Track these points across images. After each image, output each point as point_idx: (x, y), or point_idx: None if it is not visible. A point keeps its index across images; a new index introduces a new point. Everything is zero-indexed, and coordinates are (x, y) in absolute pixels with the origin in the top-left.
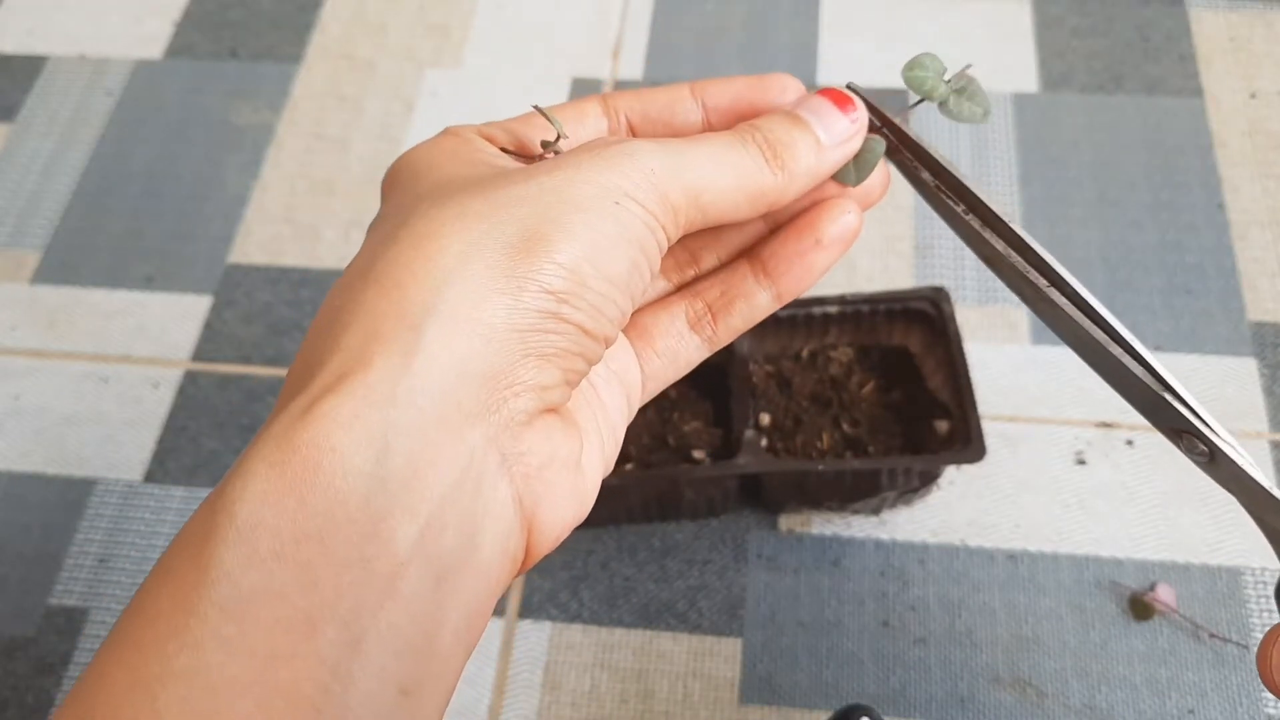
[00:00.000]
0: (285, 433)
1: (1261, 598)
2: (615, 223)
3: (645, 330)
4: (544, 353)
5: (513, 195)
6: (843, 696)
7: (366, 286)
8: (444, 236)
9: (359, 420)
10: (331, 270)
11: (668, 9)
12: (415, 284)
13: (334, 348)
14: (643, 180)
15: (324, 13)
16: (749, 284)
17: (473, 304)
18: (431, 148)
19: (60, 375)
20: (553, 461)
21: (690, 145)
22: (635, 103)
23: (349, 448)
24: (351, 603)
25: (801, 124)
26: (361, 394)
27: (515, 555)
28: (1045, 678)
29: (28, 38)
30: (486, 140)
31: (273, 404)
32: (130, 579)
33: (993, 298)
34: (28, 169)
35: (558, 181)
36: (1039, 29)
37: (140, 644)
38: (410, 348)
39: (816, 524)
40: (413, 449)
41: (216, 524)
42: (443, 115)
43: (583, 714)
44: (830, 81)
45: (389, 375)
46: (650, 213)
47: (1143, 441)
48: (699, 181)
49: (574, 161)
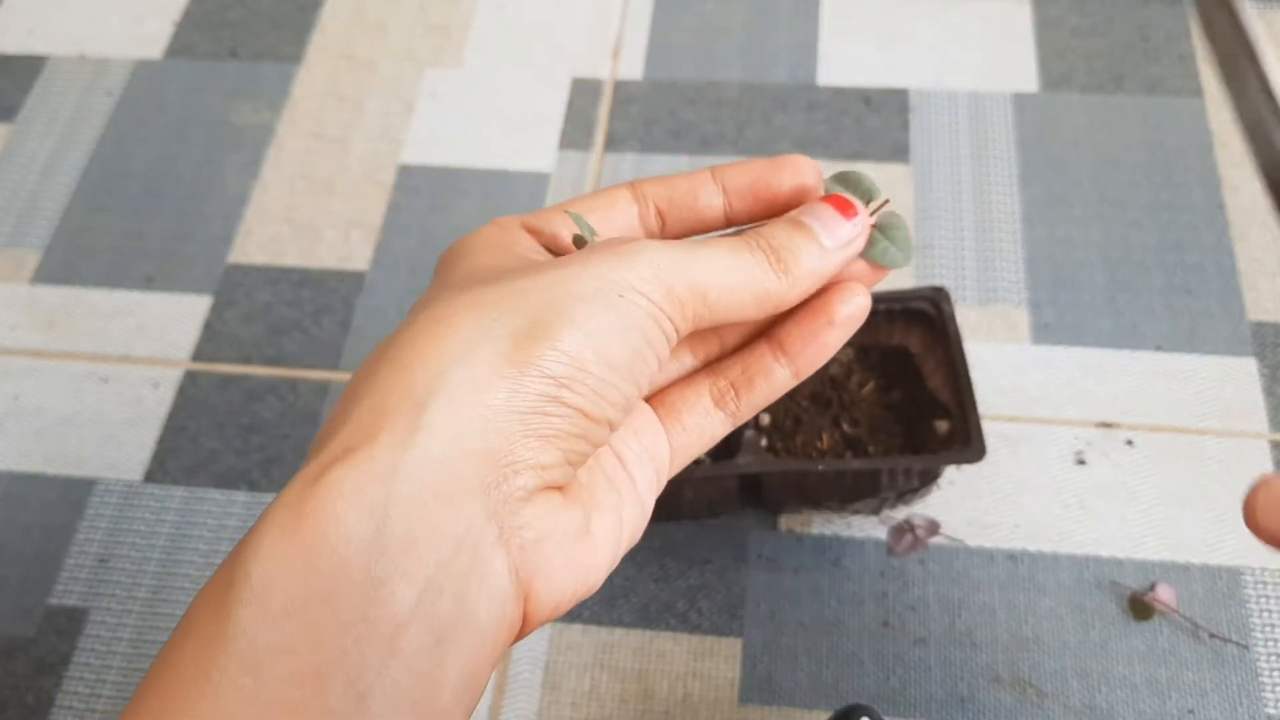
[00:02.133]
0: (296, 500)
1: (1262, 598)
2: (619, 313)
3: (673, 407)
4: (544, 434)
5: (524, 286)
6: (843, 696)
7: (381, 365)
8: (455, 322)
9: (361, 492)
10: (331, 270)
11: (668, 9)
12: (423, 365)
13: (346, 420)
14: (649, 274)
15: (324, 13)
16: (768, 362)
17: (476, 386)
18: (476, 236)
19: (60, 375)
20: (551, 536)
21: (698, 247)
22: (661, 189)
23: (352, 517)
24: (357, 659)
25: (804, 229)
26: (365, 467)
27: (512, 622)
28: (1045, 677)
29: (28, 38)
30: (529, 232)
31: (272, 404)
32: (130, 579)
33: (993, 298)
34: (28, 169)
35: (566, 275)
36: (1039, 29)
37: (166, 692)
38: (414, 425)
39: (816, 524)
40: (412, 519)
41: (234, 581)
42: (443, 115)
43: (583, 714)
44: (830, 81)
45: (392, 450)
46: (655, 304)
47: (1143, 441)
48: (705, 280)
49: (584, 258)
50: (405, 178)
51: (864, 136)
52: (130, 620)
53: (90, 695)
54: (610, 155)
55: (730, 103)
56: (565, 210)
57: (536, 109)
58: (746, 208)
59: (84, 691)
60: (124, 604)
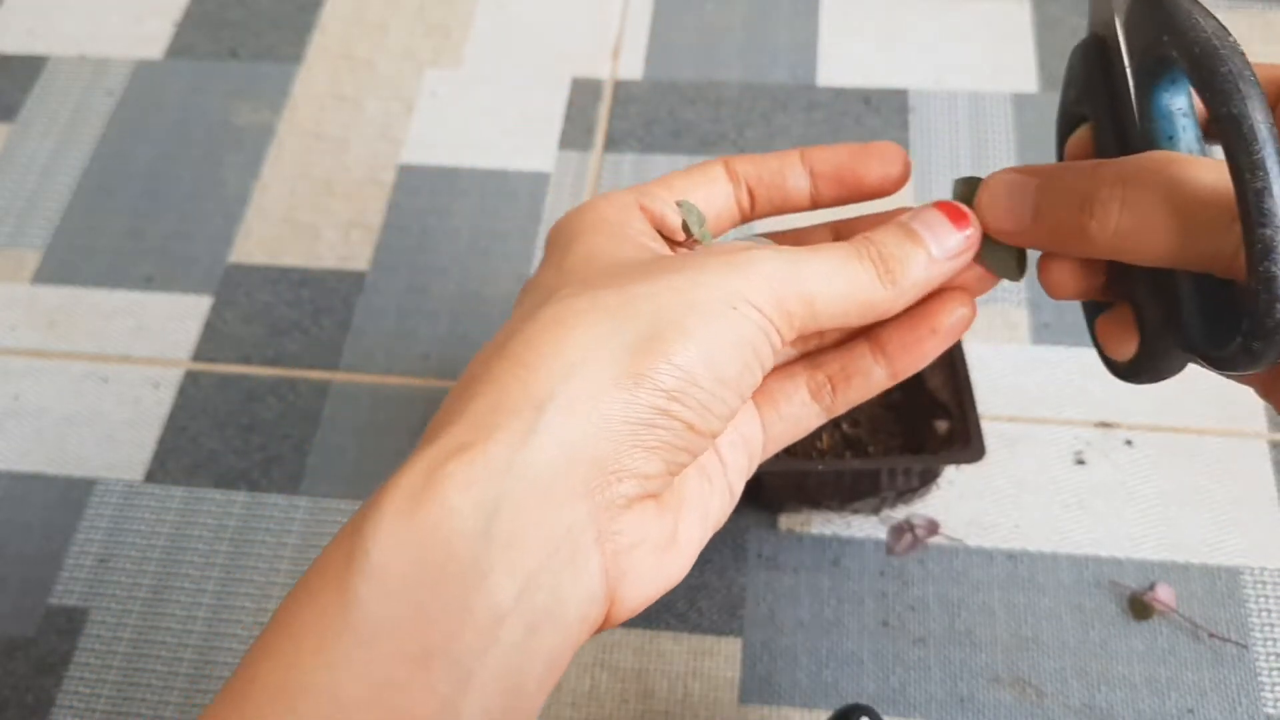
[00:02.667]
0: (414, 489)
1: (1261, 597)
2: (731, 327)
3: (771, 395)
4: (650, 445)
5: (640, 293)
6: (843, 696)
7: (500, 360)
8: (574, 326)
9: (475, 486)
10: (331, 270)
11: (668, 9)
12: (543, 367)
13: (464, 411)
14: (762, 285)
15: (324, 13)
16: (867, 362)
17: (591, 395)
18: (590, 214)
19: (60, 375)
20: (643, 543)
21: (809, 255)
22: (751, 168)
23: (465, 509)
24: (460, 644)
25: (915, 238)
26: (481, 463)
27: (595, 620)
28: (1045, 677)
29: (28, 38)
30: (643, 212)
31: (272, 404)
32: (130, 579)
33: (993, 297)
34: (28, 169)
35: (682, 283)
36: (1039, 29)
37: (284, 657)
38: (530, 426)
39: (816, 524)
40: (520, 518)
41: (354, 557)
42: (442, 115)
43: (583, 714)
44: (830, 81)
45: (507, 449)
46: (766, 317)
47: (1142, 441)
48: (814, 290)
49: (700, 264)
50: (405, 178)
51: (864, 136)
52: (130, 620)
53: (90, 695)
54: (610, 155)
55: (730, 103)
56: (679, 204)
57: (536, 109)
58: (832, 192)
59: (84, 691)
60: (124, 604)
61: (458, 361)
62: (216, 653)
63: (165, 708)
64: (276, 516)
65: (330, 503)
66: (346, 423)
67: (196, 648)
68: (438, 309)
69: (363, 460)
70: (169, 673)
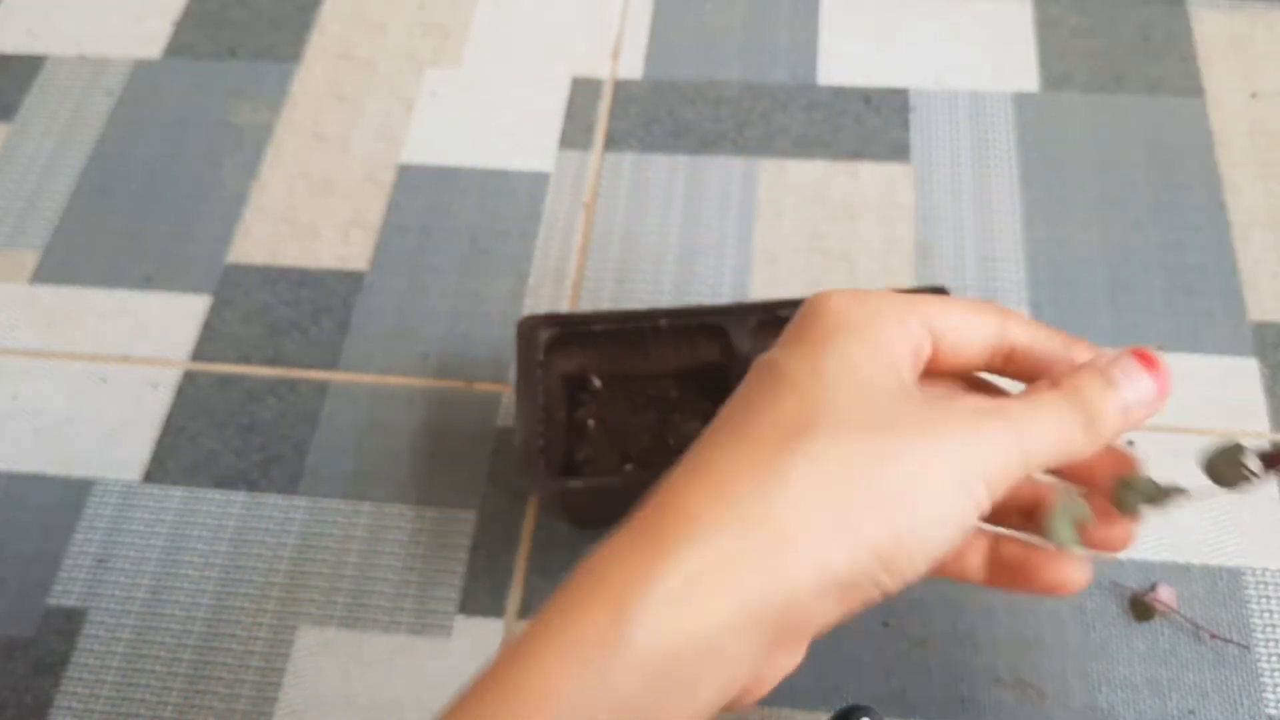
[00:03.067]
0: (604, 618)
1: (1263, 598)
2: (958, 510)
3: None
4: (845, 599)
5: (885, 452)
6: (843, 697)
7: (735, 486)
8: (814, 499)
9: (663, 623)
10: (330, 270)
11: (668, 9)
12: (780, 516)
13: (691, 541)
14: (992, 458)
15: (323, 12)
16: None
17: (820, 555)
18: (859, 310)
19: (59, 375)
20: (779, 676)
21: (1031, 418)
22: (1026, 335)
23: (646, 644)
24: None
25: (1116, 388)
26: (684, 611)
27: None
28: (1046, 678)
29: (27, 38)
30: (917, 343)
31: (271, 404)
32: (129, 579)
33: (993, 297)
34: (27, 169)
35: (923, 452)
36: (1039, 29)
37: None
38: (740, 582)
39: None
40: (699, 666)
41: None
42: (442, 114)
43: None
44: (830, 81)
45: (707, 588)
46: (990, 492)
47: (1143, 441)
48: (1036, 457)
49: (941, 428)
50: (405, 177)
51: (864, 136)
52: (129, 620)
53: (89, 695)
54: (610, 155)
55: (730, 102)
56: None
57: (536, 109)
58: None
59: (83, 692)
60: (123, 604)
61: (457, 361)
62: (215, 653)
63: (164, 708)
64: (275, 517)
65: (329, 503)
66: (345, 423)
67: (195, 648)
68: (437, 309)
69: (362, 461)
70: (168, 673)
